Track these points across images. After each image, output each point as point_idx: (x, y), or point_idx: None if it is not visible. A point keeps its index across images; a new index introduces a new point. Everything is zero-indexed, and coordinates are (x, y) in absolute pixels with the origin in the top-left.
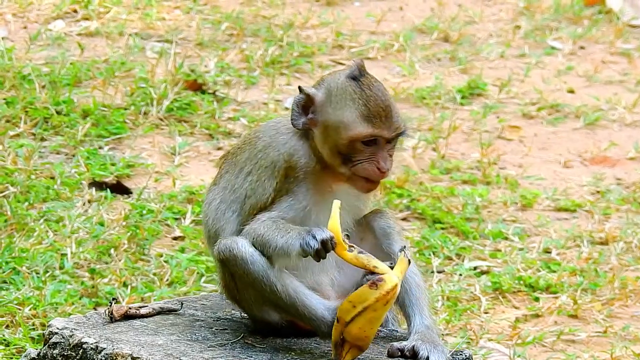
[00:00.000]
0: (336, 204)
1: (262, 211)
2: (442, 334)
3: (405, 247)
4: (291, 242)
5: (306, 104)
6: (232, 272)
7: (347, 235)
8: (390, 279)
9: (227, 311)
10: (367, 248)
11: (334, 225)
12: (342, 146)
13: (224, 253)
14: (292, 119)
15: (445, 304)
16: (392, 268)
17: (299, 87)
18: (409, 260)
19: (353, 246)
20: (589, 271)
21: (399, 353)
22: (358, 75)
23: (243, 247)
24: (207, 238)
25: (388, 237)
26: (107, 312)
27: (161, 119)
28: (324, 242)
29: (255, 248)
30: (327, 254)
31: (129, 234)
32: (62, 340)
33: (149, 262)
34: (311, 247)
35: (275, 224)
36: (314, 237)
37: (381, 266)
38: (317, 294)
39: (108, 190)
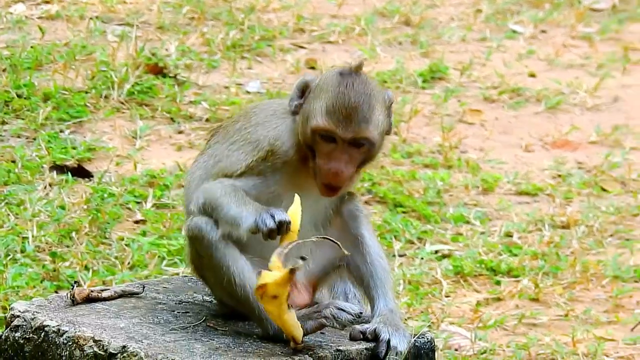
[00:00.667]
0: (297, 199)
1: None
2: (404, 318)
3: (304, 257)
4: (245, 215)
5: (303, 88)
6: (198, 251)
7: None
8: (262, 277)
9: (189, 294)
10: (335, 231)
11: (294, 216)
12: (307, 137)
13: (193, 231)
14: (290, 99)
15: (407, 287)
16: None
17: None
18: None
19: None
20: (551, 255)
21: (361, 336)
22: (347, 73)
23: (213, 230)
24: (186, 208)
25: (355, 220)
26: (69, 295)
27: (122, 103)
28: (280, 224)
29: (204, 209)
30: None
31: (90, 217)
32: (24, 324)
33: (111, 245)
34: (266, 225)
35: (236, 192)
36: (272, 217)
37: (276, 270)
38: None
39: (69, 173)
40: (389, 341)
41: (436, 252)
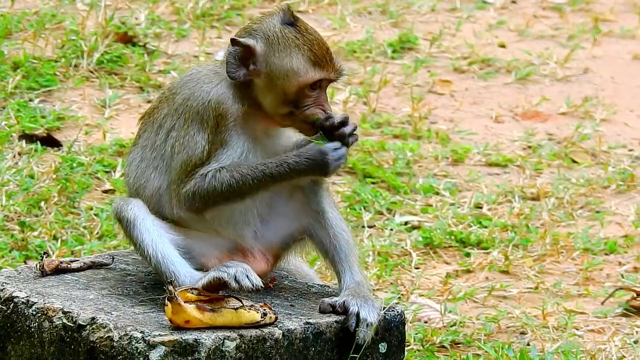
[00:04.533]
0: None
1: (199, 167)
2: (373, 290)
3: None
4: (299, 160)
5: (244, 55)
6: (124, 231)
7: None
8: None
9: None
10: (297, 205)
11: None
12: (291, 93)
13: (116, 212)
14: (229, 72)
15: (376, 259)
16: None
17: (232, 39)
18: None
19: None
20: (520, 227)
21: (330, 309)
22: (293, 21)
23: (132, 209)
24: (129, 197)
25: (316, 195)
26: (38, 266)
27: (91, 72)
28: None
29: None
30: None
31: (59, 186)
32: None
33: (79, 215)
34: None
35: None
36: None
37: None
38: (239, 246)
39: (38, 142)
40: (358, 314)
41: (406, 223)
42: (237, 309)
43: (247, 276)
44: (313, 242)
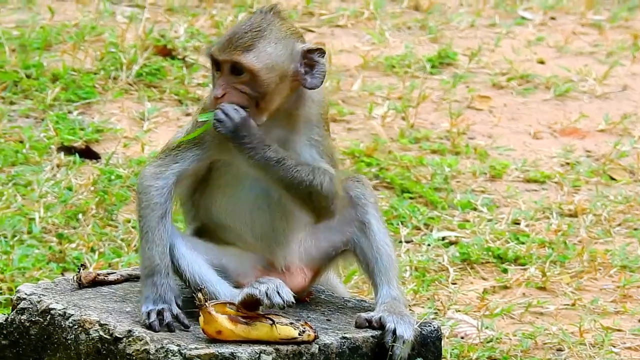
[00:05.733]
0: None
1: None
2: (410, 305)
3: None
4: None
5: None
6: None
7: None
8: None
9: None
10: (343, 217)
11: None
12: (212, 76)
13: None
14: None
15: (413, 274)
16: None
17: None
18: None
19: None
20: (558, 243)
21: (367, 324)
22: (259, 10)
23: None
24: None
25: (363, 207)
26: (75, 278)
27: (130, 84)
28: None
29: None
30: None
31: (97, 199)
32: (30, 306)
33: (117, 227)
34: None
35: None
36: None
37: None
38: (272, 262)
39: (77, 154)
40: (394, 330)
41: (443, 238)
42: (273, 323)
43: (277, 292)
44: (355, 253)
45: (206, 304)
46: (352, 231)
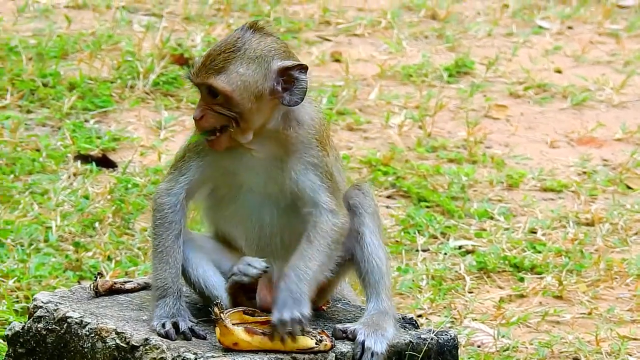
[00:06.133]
0: None
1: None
2: (426, 313)
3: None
4: None
5: None
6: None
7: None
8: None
9: None
10: None
11: None
12: None
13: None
14: None
15: (430, 283)
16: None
17: None
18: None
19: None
20: (575, 252)
21: (343, 334)
22: (240, 28)
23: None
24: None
25: (359, 217)
26: (92, 287)
27: (147, 93)
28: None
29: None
30: None
31: (113, 207)
32: (46, 314)
33: (134, 236)
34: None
35: None
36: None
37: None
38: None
39: (93, 163)
40: (363, 342)
41: (460, 247)
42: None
43: (249, 265)
44: (353, 263)
45: (222, 316)
46: (350, 240)
